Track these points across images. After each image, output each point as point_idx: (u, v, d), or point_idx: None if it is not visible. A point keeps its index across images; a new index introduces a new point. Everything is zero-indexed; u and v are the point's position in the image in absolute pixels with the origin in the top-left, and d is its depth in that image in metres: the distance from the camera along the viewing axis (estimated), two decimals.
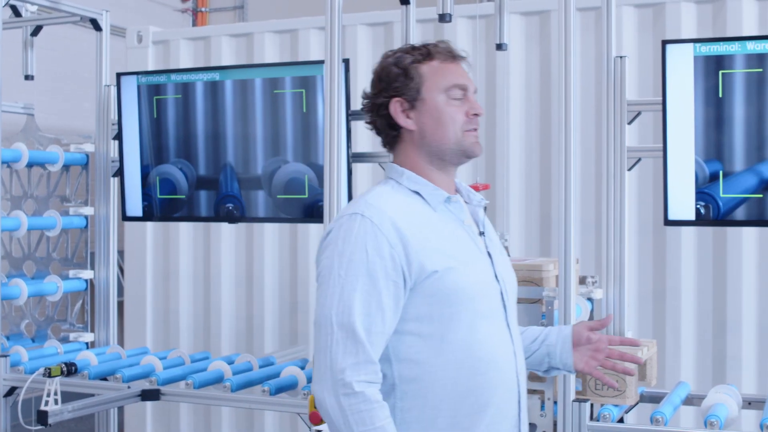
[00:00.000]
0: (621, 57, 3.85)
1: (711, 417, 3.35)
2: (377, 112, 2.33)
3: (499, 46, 4.11)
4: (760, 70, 3.69)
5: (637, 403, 3.77)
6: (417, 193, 2.29)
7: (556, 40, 3.66)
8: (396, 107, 2.29)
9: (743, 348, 4.72)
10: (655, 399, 3.81)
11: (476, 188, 3.62)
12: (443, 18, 3.81)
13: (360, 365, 2.09)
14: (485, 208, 2.41)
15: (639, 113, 3.90)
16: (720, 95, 3.73)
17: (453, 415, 2.19)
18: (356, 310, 2.11)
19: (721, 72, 3.73)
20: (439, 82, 2.29)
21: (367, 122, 2.40)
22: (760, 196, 3.71)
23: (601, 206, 3.86)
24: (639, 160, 3.90)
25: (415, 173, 2.30)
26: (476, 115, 2.31)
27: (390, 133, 2.34)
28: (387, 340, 2.16)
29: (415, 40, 4.22)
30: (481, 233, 2.36)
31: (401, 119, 2.30)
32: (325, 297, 2.15)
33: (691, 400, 3.83)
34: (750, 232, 4.71)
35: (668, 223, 3.83)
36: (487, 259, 2.32)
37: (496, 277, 2.31)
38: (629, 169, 3.86)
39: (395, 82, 2.29)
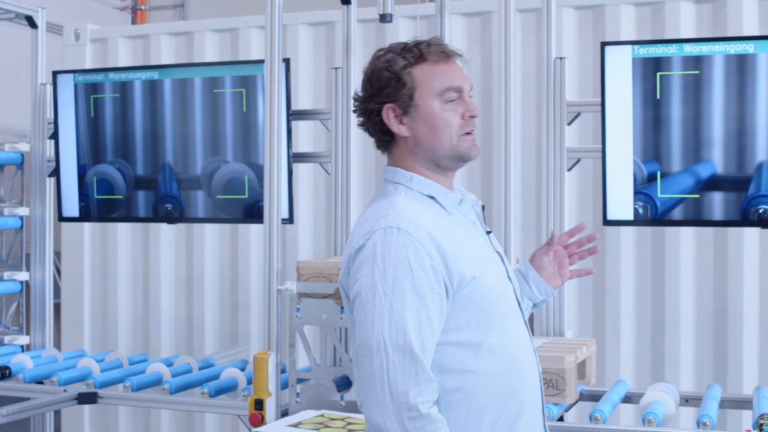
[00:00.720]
0: (561, 58, 3.88)
1: (649, 414, 3.39)
2: (369, 117, 2.23)
3: None
4: (697, 72, 3.74)
5: (576, 402, 3.80)
6: (431, 197, 2.22)
7: (497, 41, 3.67)
8: (389, 114, 2.19)
9: (681, 346, 4.79)
10: (595, 397, 3.85)
11: None
12: (384, 18, 3.80)
13: (422, 385, 2.03)
14: (483, 208, 2.37)
15: (578, 114, 3.94)
16: (658, 97, 3.77)
17: (496, 420, 2.16)
18: (410, 328, 2.03)
19: (659, 74, 3.78)
20: (433, 85, 2.19)
21: (359, 125, 2.30)
22: (697, 196, 3.76)
23: (541, 206, 3.89)
24: (578, 160, 3.94)
25: (423, 177, 2.24)
26: (472, 117, 2.22)
27: (383, 138, 2.24)
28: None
29: (357, 40, 4.22)
30: (488, 232, 2.33)
31: (394, 126, 2.20)
32: (373, 318, 2.05)
33: (630, 398, 3.87)
34: (688, 232, 4.77)
35: (607, 223, 3.87)
36: (499, 258, 2.30)
37: (508, 276, 2.29)
38: (569, 170, 3.89)
39: (387, 88, 2.19)
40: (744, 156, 3.72)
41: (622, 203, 3.81)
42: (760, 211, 3.71)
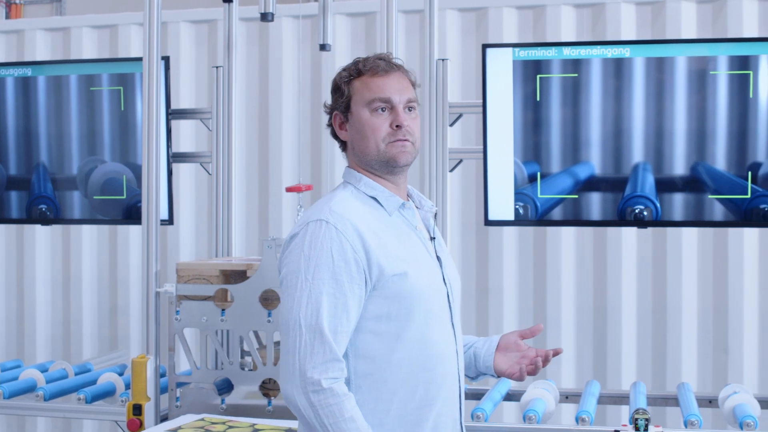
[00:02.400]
0: (443, 60, 3.90)
1: (529, 411, 3.43)
2: (328, 123, 2.51)
3: (323, 47, 4.10)
4: (576, 74, 3.81)
5: None
6: (374, 198, 2.41)
7: (380, 42, 3.68)
8: (335, 120, 2.47)
9: (562, 343, 4.87)
10: (477, 395, 3.88)
11: (299, 189, 3.60)
12: (265, 17, 3.76)
13: (327, 363, 2.22)
14: (435, 215, 2.55)
15: (460, 115, 3.97)
16: (538, 99, 3.83)
17: (403, 407, 2.33)
18: (324, 312, 2.24)
19: (539, 76, 3.83)
20: (364, 96, 2.41)
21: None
22: (576, 196, 3.83)
23: None
24: (460, 161, 3.97)
25: (371, 180, 2.44)
26: (399, 126, 2.39)
27: (338, 141, 2.50)
28: (350, 337, 2.29)
29: (239, 39, 4.16)
30: (432, 238, 2.50)
31: (338, 131, 2.47)
32: (293, 300, 2.27)
33: (512, 396, 3.92)
34: (568, 232, 4.86)
35: (488, 223, 3.91)
36: (437, 263, 2.45)
37: (444, 280, 2.44)
38: (451, 170, 3.92)
39: (332, 97, 2.48)
40: (620, 157, 3.81)
41: (503, 204, 3.85)
42: (636, 211, 3.79)
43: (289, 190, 3.68)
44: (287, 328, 2.26)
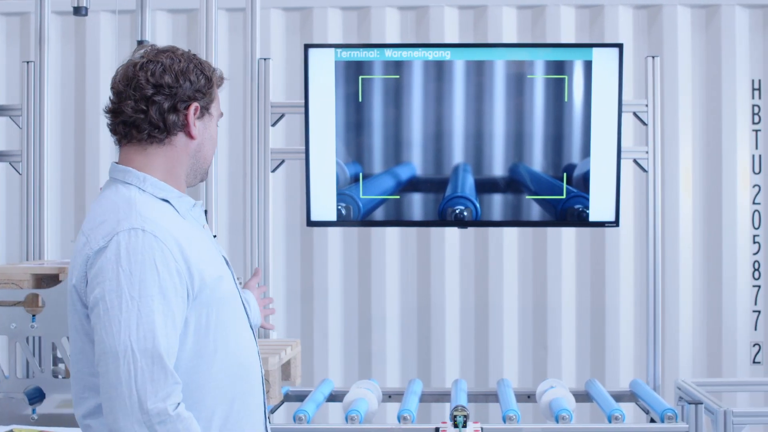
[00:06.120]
0: (265, 59, 3.87)
1: (352, 412, 3.44)
2: (174, 106, 2.17)
3: (141, 44, 3.98)
4: (398, 76, 3.84)
5: (282, 403, 3.80)
6: (165, 200, 2.18)
7: (201, 39, 3.62)
8: (192, 112, 2.20)
9: (387, 343, 4.92)
10: (301, 397, 3.87)
11: None
12: (78, 11, 3.64)
13: (169, 389, 1.99)
14: (206, 212, 2.42)
15: (283, 115, 3.94)
16: (360, 99, 3.84)
17: (224, 422, 2.17)
18: (158, 332, 1.99)
19: (361, 77, 3.85)
20: (218, 107, 2.29)
21: (132, 108, 2.16)
22: (398, 197, 3.87)
23: (246, 207, 3.87)
24: (282, 161, 3.94)
25: (156, 179, 2.18)
26: None
27: (152, 131, 2.17)
28: None
29: (53, 33, 4.01)
30: (214, 236, 2.36)
31: (191, 125, 2.20)
32: (119, 323, 1.99)
33: (336, 397, 3.92)
34: (392, 232, 4.91)
35: (311, 224, 3.90)
36: (225, 262, 2.31)
37: (234, 281, 2.31)
38: (273, 171, 3.89)
39: (203, 88, 2.22)
40: (441, 158, 3.87)
41: (326, 204, 3.85)
42: (457, 211, 3.86)
43: None
44: (114, 356, 1.98)
